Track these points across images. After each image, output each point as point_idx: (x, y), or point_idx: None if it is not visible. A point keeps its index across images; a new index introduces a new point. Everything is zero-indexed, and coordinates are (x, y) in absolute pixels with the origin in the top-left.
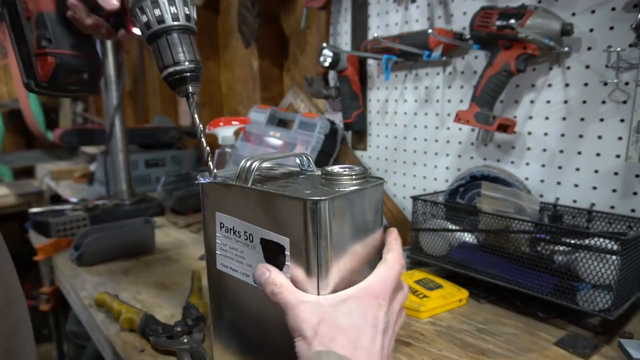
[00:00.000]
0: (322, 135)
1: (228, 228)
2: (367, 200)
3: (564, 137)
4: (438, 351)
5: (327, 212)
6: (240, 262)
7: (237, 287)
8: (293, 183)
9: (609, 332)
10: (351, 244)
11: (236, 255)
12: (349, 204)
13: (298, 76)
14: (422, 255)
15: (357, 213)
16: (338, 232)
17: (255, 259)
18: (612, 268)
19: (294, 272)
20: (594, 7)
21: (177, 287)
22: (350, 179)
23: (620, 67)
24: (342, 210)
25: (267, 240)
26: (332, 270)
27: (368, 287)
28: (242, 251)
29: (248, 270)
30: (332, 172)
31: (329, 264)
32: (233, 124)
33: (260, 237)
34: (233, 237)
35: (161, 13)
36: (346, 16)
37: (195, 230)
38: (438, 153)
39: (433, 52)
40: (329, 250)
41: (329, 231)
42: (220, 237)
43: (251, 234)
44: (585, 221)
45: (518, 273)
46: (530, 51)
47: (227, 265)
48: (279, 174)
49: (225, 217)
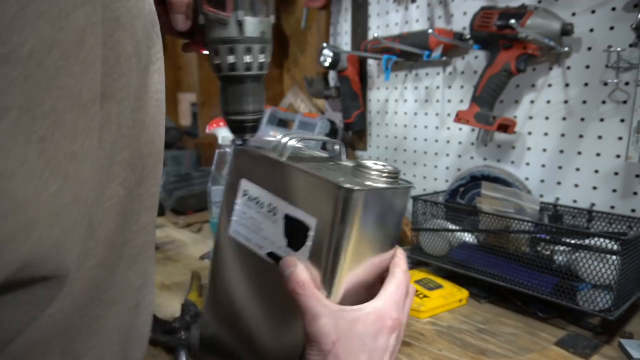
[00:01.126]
0: (322, 135)
1: (252, 197)
2: (394, 202)
3: (564, 137)
4: (438, 351)
5: (359, 203)
6: (255, 233)
7: (243, 257)
8: (324, 168)
9: (609, 332)
10: (372, 245)
11: (253, 224)
12: (381, 200)
13: (298, 76)
14: (422, 255)
15: (385, 213)
16: (364, 227)
17: (273, 233)
18: (612, 268)
19: (311, 258)
20: (594, 7)
21: (177, 287)
22: (381, 176)
23: (620, 67)
24: (373, 205)
25: (291, 217)
26: (347, 266)
27: (381, 308)
28: (261, 222)
29: (262, 242)
30: (365, 165)
31: (346, 257)
32: None
33: (286, 212)
34: (255, 207)
35: (235, 61)
36: (346, 16)
37: (195, 230)
38: (438, 153)
39: (433, 52)
40: (352, 242)
41: (357, 222)
42: (241, 204)
43: (275, 207)
44: (586, 221)
45: (518, 273)
46: (531, 51)
47: (241, 233)
48: (308, 156)
49: (251, 186)
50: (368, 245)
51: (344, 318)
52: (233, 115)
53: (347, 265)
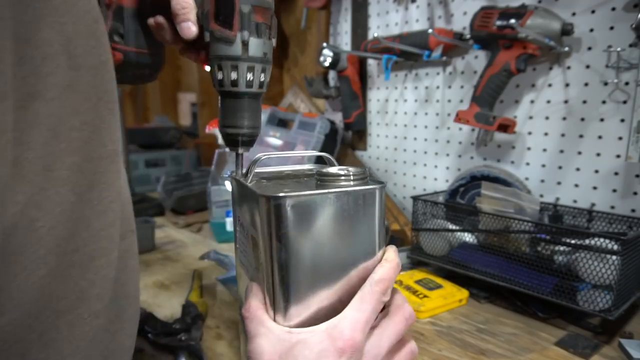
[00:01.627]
0: (322, 135)
1: (240, 223)
2: (352, 207)
3: (564, 137)
4: (438, 351)
5: (286, 211)
6: (247, 258)
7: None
8: (293, 181)
9: (609, 332)
10: (330, 257)
11: (244, 250)
12: (322, 207)
13: (298, 76)
14: (422, 255)
15: (339, 220)
16: (305, 238)
17: (250, 255)
18: (612, 268)
19: (262, 276)
20: (594, 7)
21: (177, 287)
22: (346, 180)
23: (620, 67)
24: (312, 213)
25: (252, 236)
26: (296, 283)
27: (332, 327)
28: (246, 245)
29: (249, 266)
30: (323, 173)
31: (289, 273)
32: None
33: (249, 232)
34: (243, 232)
35: (237, 77)
36: (346, 16)
37: (195, 230)
38: (438, 153)
39: (433, 52)
40: (291, 256)
41: (288, 234)
42: (238, 232)
43: (247, 230)
44: (586, 221)
45: (518, 273)
46: (531, 51)
47: (242, 260)
48: (297, 173)
49: (240, 212)
50: (321, 258)
51: (284, 339)
52: (229, 128)
53: (292, 282)
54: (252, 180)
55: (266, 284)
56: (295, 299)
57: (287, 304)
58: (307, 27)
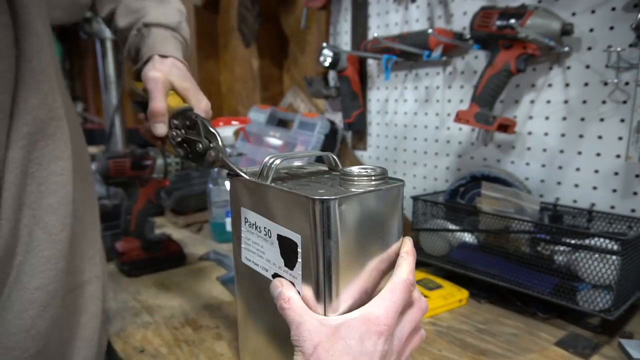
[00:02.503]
0: (322, 135)
1: (251, 223)
2: (383, 204)
3: (564, 137)
4: (438, 351)
5: (336, 212)
6: (260, 257)
7: (259, 280)
8: (313, 182)
9: (609, 332)
10: (365, 250)
11: (257, 249)
12: (361, 206)
13: (298, 76)
14: (422, 255)
15: (372, 216)
16: (349, 235)
17: (272, 254)
18: (612, 268)
19: (303, 273)
20: (594, 7)
21: (177, 287)
22: (369, 180)
23: (620, 67)
24: (354, 212)
25: (282, 236)
26: (341, 276)
27: (368, 313)
28: (262, 246)
29: (267, 265)
30: (349, 172)
31: (338, 268)
32: (233, 123)
33: (277, 233)
34: (255, 232)
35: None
36: (346, 16)
37: (195, 230)
38: (438, 153)
39: (433, 52)
40: (338, 251)
41: (338, 232)
42: (245, 232)
43: (269, 230)
44: (586, 221)
45: (518, 273)
46: (531, 51)
47: (250, 259)
48: (306, 172)
49: (249, 213)
50: (359, 252)
51: (327, 324)
52: None
53: (339, 275)
54: (270, 180)
55: (314, 277)
56: (342, 290)
57: (336, 294)
58: (307, 27)
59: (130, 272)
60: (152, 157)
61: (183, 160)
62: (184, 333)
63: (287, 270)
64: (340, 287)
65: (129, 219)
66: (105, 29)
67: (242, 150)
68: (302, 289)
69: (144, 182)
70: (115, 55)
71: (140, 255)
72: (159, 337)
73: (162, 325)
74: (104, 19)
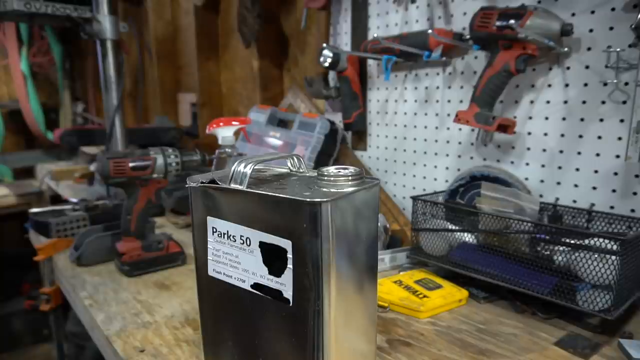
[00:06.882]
0: (322, 135)
1: (221, 233)
2: (367, 202)
3: (564, 137)
4: (438, 351)
5: (328, 213)
6: (235, 268)
7: (232, 294)
8: (286, 185)
9: (609, 332)
10: (354, 243)
11: (230, 260)
12: (351, 205)
13: (298, 76)
14: (422, 255)
15: (359, 214)
16: (341, 233)
17: (252, 263)
18: (611, 268)
19: (296, 279)
20: (593, 8)
21: (177, 287)
22: (347, 180)
23: (620, 68)
24: (345, 211)
25: (266, 244)
26: (337, 272)
27: None
28: (237, 256)
29: (244, 275)
30: (328, 174)
31: (329, 269)
32: (233, 124)
33: (259, 240)
34: (227, 242)
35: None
36: (346, 16)
37: None
38: (438, 153)
39: (433, 52)
40: (333, 251)
41: (332, 232)
42: (213, 243)
43: (248, 238)
44: (585, 221)
45: (518, 273)
46: (530, 51)
47: (220, 271)
48: (270, 175)
49: (218, 222)
50: (351, 246)
51: None
52: None
53: (334, 273)
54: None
55: (313, 278)
56: (338, 283)
57: (332, 290)
58: (307, 27)
59: (130, 272)
60: (152, 157)
61: None
62: (184, 333)
63: (272, 279)
64: (334, 283)
65: (129, 219)
66: (105, 30)
67: (243, 150)
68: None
69: (144, 182)
70: (115, 55)
71: (141, 255)
72: (159, 337)
73: (162, 325)
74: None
